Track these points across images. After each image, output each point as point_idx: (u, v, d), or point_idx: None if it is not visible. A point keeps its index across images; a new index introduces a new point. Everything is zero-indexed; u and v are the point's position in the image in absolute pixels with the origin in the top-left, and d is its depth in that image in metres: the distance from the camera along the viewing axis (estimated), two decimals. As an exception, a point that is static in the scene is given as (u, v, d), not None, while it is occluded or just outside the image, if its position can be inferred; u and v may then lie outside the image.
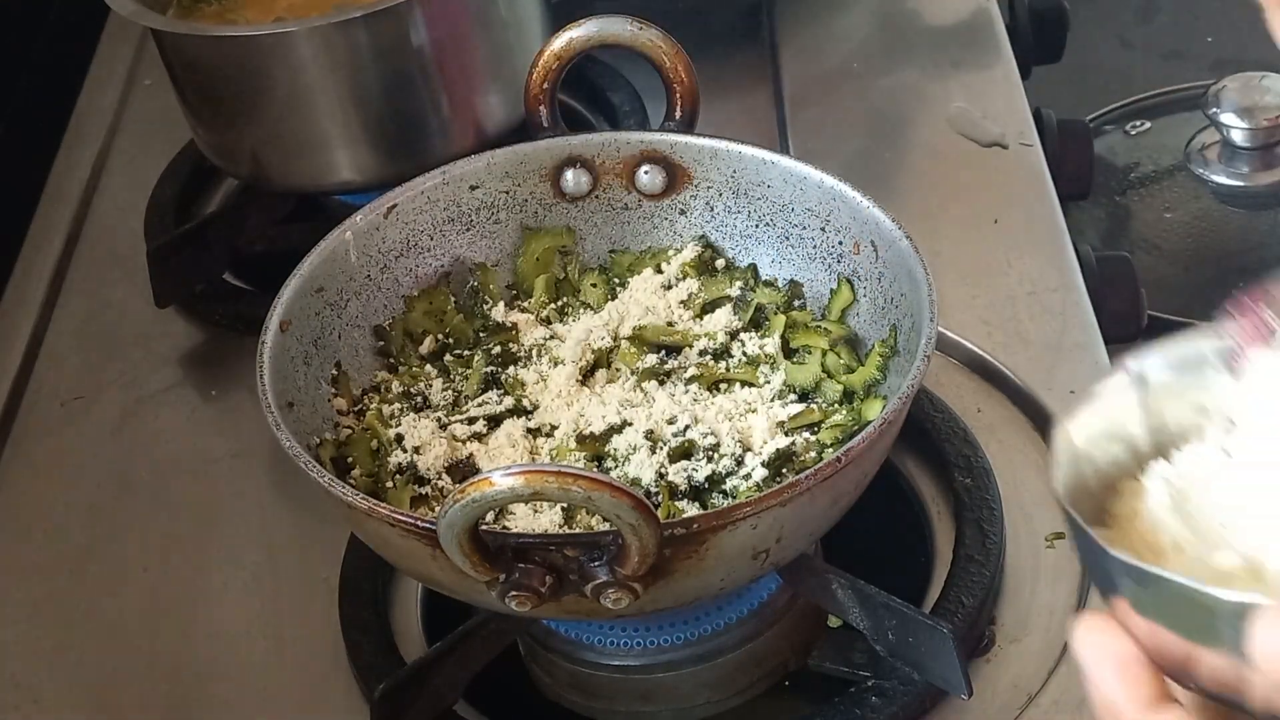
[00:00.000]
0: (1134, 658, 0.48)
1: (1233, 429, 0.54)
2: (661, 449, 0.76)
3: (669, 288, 0.86)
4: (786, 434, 0.77)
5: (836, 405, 0.79)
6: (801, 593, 0.80)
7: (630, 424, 0.78)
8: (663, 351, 0.84)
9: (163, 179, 1.17)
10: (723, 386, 0.81)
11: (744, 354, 0.83)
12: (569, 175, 0.88)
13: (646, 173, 0.87)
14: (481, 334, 0.86)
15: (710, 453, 0.76)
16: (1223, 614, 0.45)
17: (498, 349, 0.84)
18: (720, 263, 0.87)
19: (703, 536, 0.66)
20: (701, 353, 0.83)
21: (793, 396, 0.80)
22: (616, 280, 0.88)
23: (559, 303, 0.87)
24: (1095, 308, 0.96)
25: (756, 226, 0.86)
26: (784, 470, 0.75)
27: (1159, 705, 0.47)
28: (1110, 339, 0.95)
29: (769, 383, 0.81)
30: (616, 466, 0.77)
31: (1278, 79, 1.29)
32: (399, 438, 0.80)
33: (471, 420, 0.81)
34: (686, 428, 0.77)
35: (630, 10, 0.87)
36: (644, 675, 0.80)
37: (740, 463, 0.76)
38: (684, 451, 0.76)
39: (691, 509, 0.74)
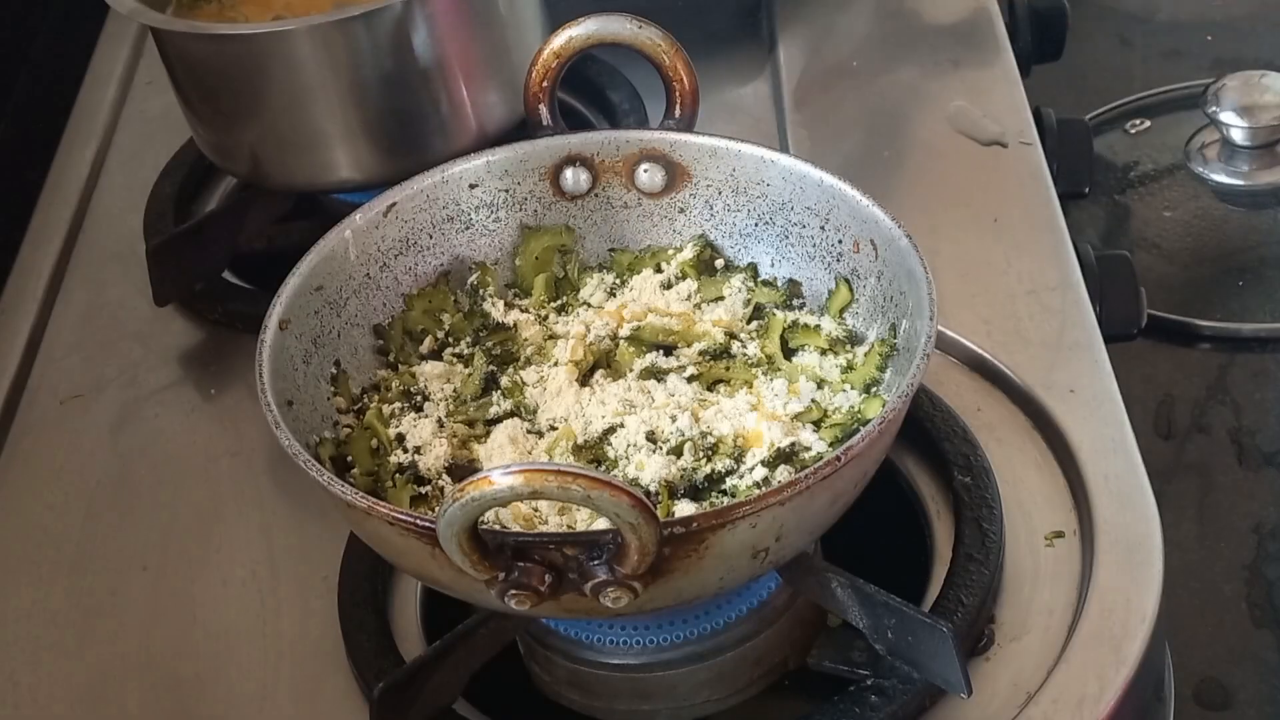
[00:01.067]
0: None
1: None
2: (661, 448, 0.76)
3: (668, 287, 0.87)
4: (786, 434, 0.77)
5: (836, 405, 0.79)
6: (801, 591, 0.80)
7: (630, 424, 0.78)
8: (662, 351, 0.84)
9: (162, 177, 1.17)
10: (722, 386, 0.81)
11: (744, 354, 0.83)
12: (568, 174, 0.88)
13: (646, 171, 0.87)
14: (481, 333, 0.86)
15: (710, 452, 0.76)
16: None
17: (498, 348, 0.84)
18: (720, 262, 0.87)
19: (702, 535, 0.66)
20: (701, 352, 0.83)
21: (793, 396, 0.80)
22: (616, 279, 0.88)
23: (559, 302, 0.88)
24: (1095, 306, 0.96)
25: (756, 225, 0.86)
26: (784, 469, 0.75)
27: None
28: (1110, 338, 0.95)
29: (769, 383, 0.80)
30: (616, 466, 0.77)
31: (1278, 78, 1.29)
32: (400, 437, 0.80)
33: (471, 420, 0.81)
34: (686, 427, 0.77)
35: (630, 8, 0.87)
36: (643, 674, 0.80)
37: (740, 462, 0.76)
38: (683, 450, 0.76)
39: (691, 508, 0.74)
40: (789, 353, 0.83)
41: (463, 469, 0.79)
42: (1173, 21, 1.57)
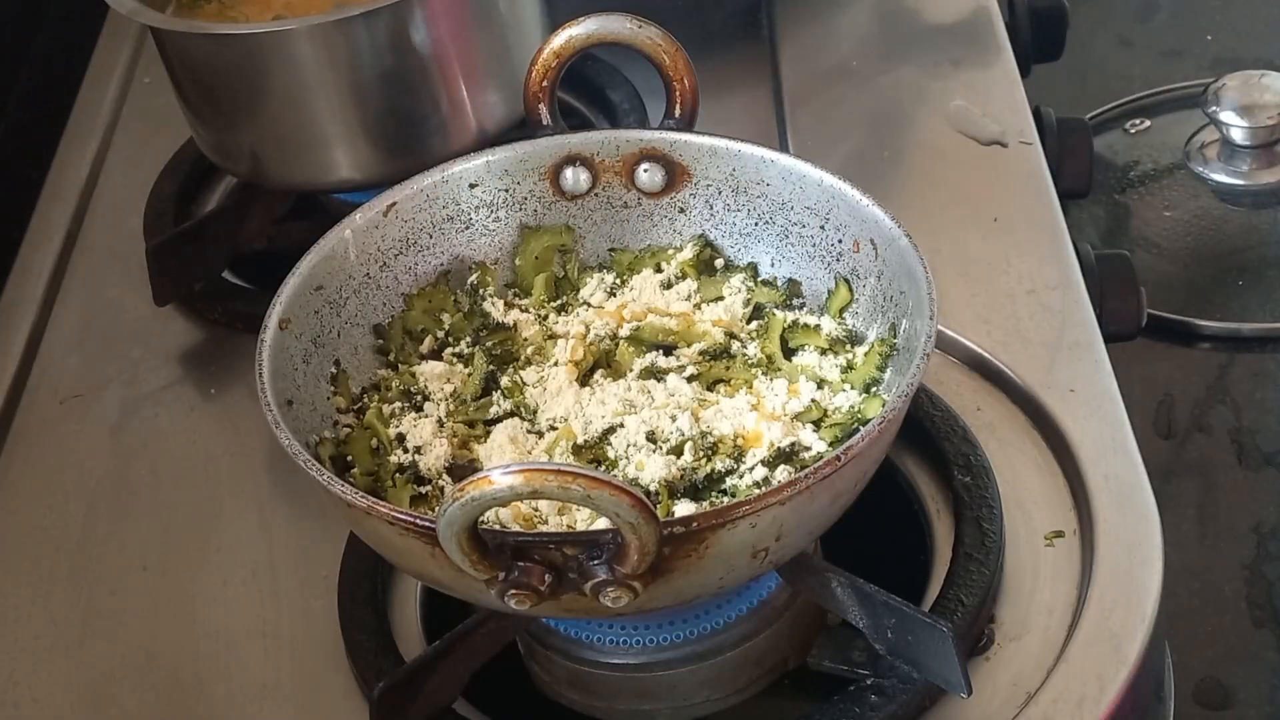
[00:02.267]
0: None
1: None
2: (661, 448, 0.76)
3: (668, 286, 0.87)
4: (786, 434, 0.77)
5: (836, 404, 0.79)
6: (801, 591, 0.80)
7: (630, 423, 0.78)
8: (662, 351, 0.84)
9: (162, 177, 1.17)
10: (722, 386, 0.81)
11: (744, 354, 0.83)
12: (568, 173, 0.88)
13: (646, 171, 0.87)
14: (481, 333, 0.86)
15: (710, 452, 0.76)
16: None
17: (498, 348, 0.84)
18: (719, 262, 0.87)
19: (702, 535, 0.66)
20: (701, 352, 0.83)
21: (793, 396, 0.80)
22: (616, 279, 0.88)
23: (559, 302, 0.87)
24: (1095, 306, 0.96)
25: (756, 225, 0.86)
26: (784, 469, 0.75)
27: None
28: (1110, 337, 0.95)
29: (769, 383, 0.80)
30: (616, 466, 0.77)
31: (1277, 77, 1.29)
32: (400, 437, 0.80)
33: (471, 420, 0.81)
34: (686, 427, 0.77)
35: (630, 9, 0.87)
36: (643, 673, 0.79)
37: (740, 462, 0.76)
38: (683, 450, 0.76)
39: (691, 508, 0.74)
40: (789, 353, 0.82)
41: (463, 469, 0.79)
42: (1173, 21, 1.58)
